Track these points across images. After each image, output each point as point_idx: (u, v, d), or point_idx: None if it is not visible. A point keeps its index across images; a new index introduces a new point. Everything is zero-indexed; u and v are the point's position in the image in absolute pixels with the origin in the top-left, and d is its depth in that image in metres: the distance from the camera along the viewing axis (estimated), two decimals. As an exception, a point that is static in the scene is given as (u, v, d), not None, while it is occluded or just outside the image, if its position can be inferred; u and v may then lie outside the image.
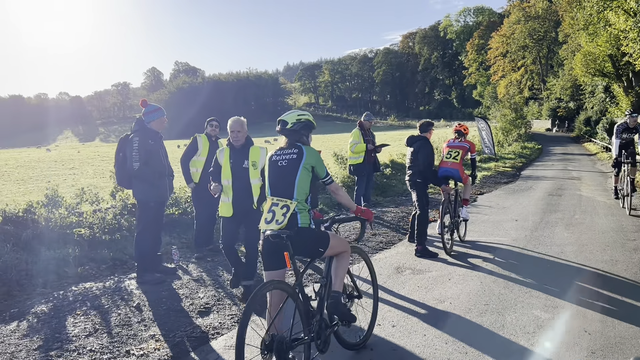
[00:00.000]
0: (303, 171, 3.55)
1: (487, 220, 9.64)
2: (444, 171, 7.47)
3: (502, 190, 14.44)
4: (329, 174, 3.73)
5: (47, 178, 22.66)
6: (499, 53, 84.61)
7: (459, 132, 7.88)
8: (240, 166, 5.30)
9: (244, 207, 5.27)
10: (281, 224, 3.41)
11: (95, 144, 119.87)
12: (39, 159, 43.77)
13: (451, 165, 7.45)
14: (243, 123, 5.44)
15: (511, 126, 38.67)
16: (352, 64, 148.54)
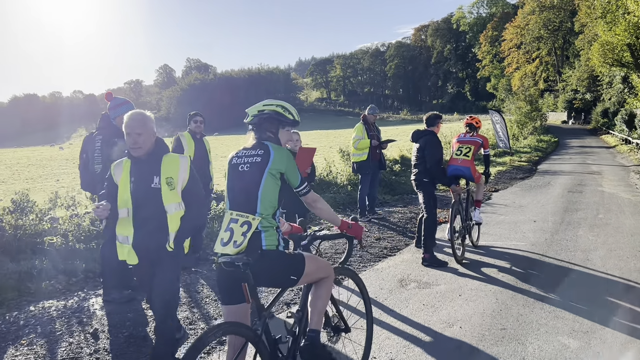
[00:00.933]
0: (269, 178, 2.80)
1: (503, 222, 8.87)
2: (454, 169, 6.71)
3: (518, 187, 13.62)
4: (305, 181, 2.98)
5: (57, 176, 22.64)
6: (513, 44, 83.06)
7: (471, 125, 7.12)
8: (146, 186, 3.42)
9: (153, 249, 3.41)
10: (240, 246, 2.68)
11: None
12: (50, 157, 43.80)
13: (462, 162, 6.69)
14: (145, 120, 3.45)
15: (526, 119, 37.62)
16: (364, 58, 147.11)
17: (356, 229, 3.19)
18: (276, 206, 2.84)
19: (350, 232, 3.17)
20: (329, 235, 3.24)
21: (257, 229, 2.72)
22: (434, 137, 6.47)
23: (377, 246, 7.26)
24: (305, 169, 5.95)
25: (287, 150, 2.94)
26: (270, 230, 2.78)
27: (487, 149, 7.05)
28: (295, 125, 3.06)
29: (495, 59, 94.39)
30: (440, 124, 6.67)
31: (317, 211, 3.07)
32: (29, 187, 17.68)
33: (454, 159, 6.78)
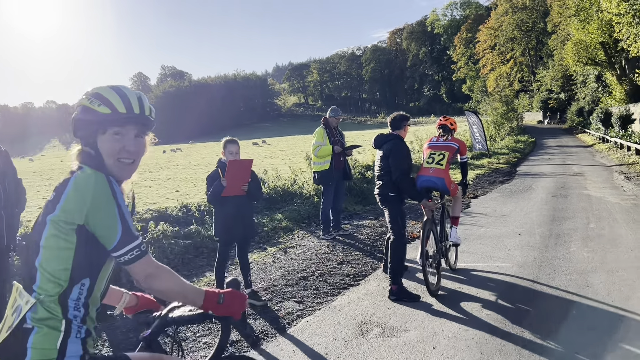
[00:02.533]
0: (51, 232, 1.64)
1: (485, 235, 7.82)
2: (425, 180, 5.62)
3: (498, 192, 12.65)
4: (136, 240, 1.70)
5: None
6: (487, 46, 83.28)
7: (444, 127, 6.04)
8: None
9: None
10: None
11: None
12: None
13: (434, 172, 5.60)
14: None
15: (503, 119, 37.04)
16: (340, 62, 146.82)
17: (232, 303, 1.88)
18: (67, 280, 1.64)
19: (222, 310, 1.87)
20: (187, 318, 1.99)
21: (28, 322, 1.57)
22: (400, 143, 5.39)
23: (338, 273, 6.12)
24: (239, 185, 4.82)
25: (99, 180, 1.68)
26: (46, 328, 1.58)
27: (465, 155, 5.98)
28: (132, 121, 1.79)
29: (470, 61, 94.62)
30: (407, 126, 5.60)
31: (155, 292, 1.82)
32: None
33: (425, 168, 5.69)
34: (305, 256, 6.96)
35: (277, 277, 5.99)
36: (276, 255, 7.15)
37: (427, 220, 5.36)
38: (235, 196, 4.84)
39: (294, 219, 9.52)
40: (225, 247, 5.06)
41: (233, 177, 4.76)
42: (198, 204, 9.57)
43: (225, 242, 5.03)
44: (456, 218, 5.97)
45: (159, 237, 7.52)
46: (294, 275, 6.05)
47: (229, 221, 4.90)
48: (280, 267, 6.43)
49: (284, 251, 7.39)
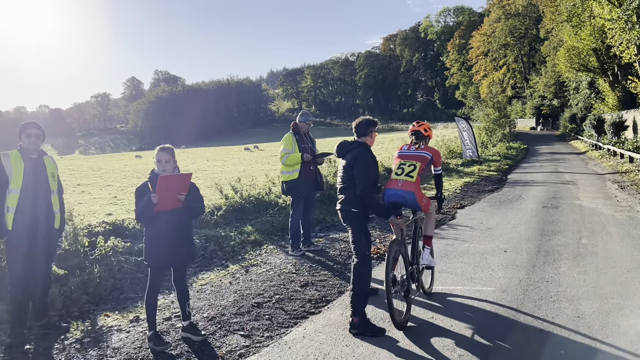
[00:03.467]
0: None
1: (467, 252, 7.15)
2: (393, 195, 4.91)
3: (486, 202, 12.00)
4: None
5: None
6: (480, 52, 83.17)
7: (417, 133, 5.33)
8: None
9: None
10: None
11: (74, 156, 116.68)
12: None
13: (403, 185, 4.88)
14: None
15: (495, 126, 36.53)
16: (334, 68, 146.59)
17: None
18: None
19: None
20: None
21: None
22: (365, 152, 4.72)
23: (299, 298, 5.43)
24: (171, 202, 4.13)
25: None
26: None
27: (439, 167, 5.26)
28: None
29: (464, 67, 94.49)
30: (375, 133, 4.92)
31: None
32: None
33: (393, 180, 4.97)
34: (266, 277, 6.26)
35: (228, 303, 5.29)
36: (235, 275, 6.45)
37: (395, 241, 4.68)
38: (169, 212, 4.16)
39: (265, 231, 8.83)
40: (156, 272, 4.34)
41: (165, 194, 4.08)
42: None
43: (156, 266, 4.31)
44: (429, 238, 5.25)
45: (108, 254, 6.82)
46: (248, 300, 5.35)
47: (160, 242, 4.21)
48: (235, 291, 5.73)
49: (245, 270, 6.69)
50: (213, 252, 7.72)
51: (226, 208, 9.71)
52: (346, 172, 4.72)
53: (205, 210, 9.44)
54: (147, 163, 47.86)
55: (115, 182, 25.00)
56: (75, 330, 4.88)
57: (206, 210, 9.52)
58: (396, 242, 4.66)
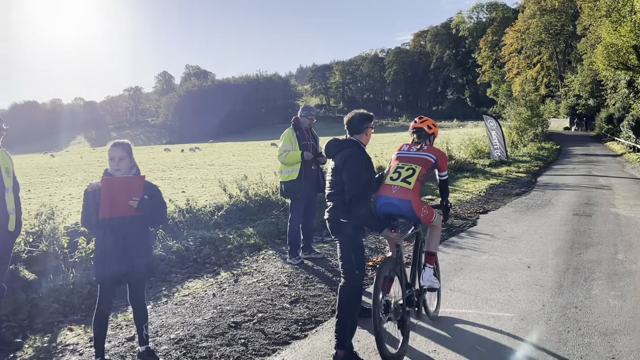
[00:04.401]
0: None
1: (485, 266, 6.35)
2: (385, 204, 4.12)
3: (512, 207, 11.11)
4: None
5: (30, 187, 21.07)
6: (513, 49, 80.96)
7: (419, 131, 4.50)
8: None
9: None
10: None
11: (105, 148, 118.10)
12: (37, 165, 41.86)
13: (397, 192, 4.07)
14: None
15: (526, 125, 35.19)
16: (363, 64, 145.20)
17: None
18: None
19: None
20: None
21: None
22: (358, 152, 4.00)
23: (285, 317, 4.74)
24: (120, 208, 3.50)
25: None
26: None
27: (445, 172, 4.43)
28: None
29: (496, 65, 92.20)
30: (370, 129, 4.18)
31: None
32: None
33: (387, 186, 4.16)
34: (255, 289, 5.60)
35: (203, 321, 4.64)
36: (223, 285, 5.81)
37: (389, 259, 3.94)
38: (120, 219, 3.53)
39: (267, 234, 8.19)
40: (105, 288, 3.70)
41: (113, 198, 3.45)
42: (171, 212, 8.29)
43: (104, 281, 3.68)
44: (431, 255, 4.41)
45: (89, 257, 6.26)
46: (226, 319, 4.69)
47: (109, 254, 3.58)
48: (216, 305, 5.08)
49: (235, 279, 6.04)
50: (207, 256, 7.12)
51: (227, 208, 9.09)
52: (335, 175, 4.01)
53: (206, 210, 8.86)
54: (174, 157, 48.01)
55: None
56: (28, 347, 4.31)
57: (207, 209, 8.94)
58: (390, 261, 3.93)
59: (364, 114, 4.19)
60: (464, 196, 12.63)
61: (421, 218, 4.10)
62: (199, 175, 23.85)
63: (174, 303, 5.26)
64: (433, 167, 4.25)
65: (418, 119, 4.66)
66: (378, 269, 3.77)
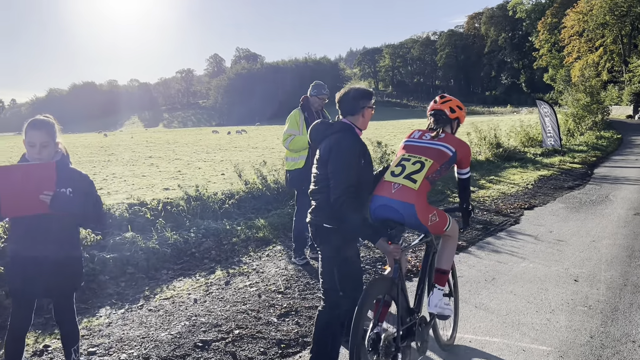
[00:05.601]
0: None
1: (522, 276, 5.34)
2: (381, 206, 3.16)
3: (562, 202, 9.88)
4: None
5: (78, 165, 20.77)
6: (574, 32, 76.63)
7: (438, 114, 3.47)
8: None
9: None
10: None
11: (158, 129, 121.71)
12: (89, 144, 42.86)
13: (398, 192, 3.11)
14: None
15: (585, 112, 32.86)
16: (414, 47, 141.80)
17: None
18: None
19: None
20: None
21: None
22: (348, 138, 3.10)
23: (267, 337, 3.93)
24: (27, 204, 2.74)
25: None
26: None
27: (466, 169, 3.45)
28: None
29: (554, 48, 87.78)
30: (369, 110, 3.27)
31: None
32: None
33: (385, 184, 3.20)
34: (245, 295, 4.83)
35: (168, 337, 3.90)
36: (211, 288, 5.07)
37: (379, 280, 3.05)
38: (33, 218, 2.80)
39: (280, 227, 7.43)
40: (20, 303, 2.95)
41: (15, 193, 2.70)
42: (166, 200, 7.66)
43: (17, 295, 2.95)
44: (442, 273, 3.43)
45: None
46: (196, 335, 3.93)
47: (21, 261, 2.85)
48: (190, 316, 4.34)
49: (227, 281, 5.29)
50: (207, 250, 6.42)
51: (241, 196, 8.37)
52: (320, 168, 3.14)
53: (217, 197, 8.15)
54: (220, 138, 48.09)
55: (184, 155, 25.07)
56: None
57: (218, 196, 8.24)
58: (382, 281, 3.03)
59: (362, 90, 3.27)
60: (508, 188, 11.45)
61: (429, 227, 3.15)
62: (240, 159, 23.48)
63: (149, 309, 4.56)
64: (450, 161, 3.27)
65: (439, 97, 3.62)
66: (364, 291, 2.87)
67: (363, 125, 3.26)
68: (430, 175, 3.17)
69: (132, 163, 21.95)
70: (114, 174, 17.31)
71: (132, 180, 14.83)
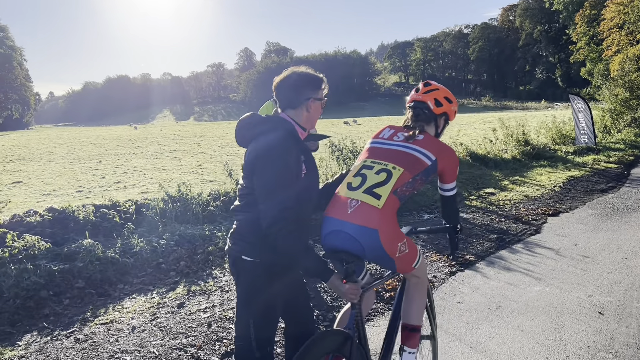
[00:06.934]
0: None
1: (534, 305, 4.41)
2: (333, 232, 2.32)
3: (592, 208, 8.81)
4: None
5: (103, 157, 21.42)
6: (614, 24, 73.07)
7: (419, 107, 2.68)
8: None
9: None
10: None
11: (188, 122, 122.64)
12: (118, 137, 43.05)
13: (355, 213, 2.28)
14: None
15: (623, 108, 31.09)
16: (446, 40, 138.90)
17: None
18: None
19: None
20: None
21: None
22: (283, 140, 2.28)
23: None
24: None
25: None
26: None
27: (451, 184, 2.64)
28: None
29: (592, 41, 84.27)
30: (316, 102, 2.44)
31: None
32: None
33: (339, 200, 2.39)
34: (193, 323, 4.05)
35: None
36: (160, 312, 4.33)
37: (328, 333, 2.22)
38: None
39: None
40: None
41: None
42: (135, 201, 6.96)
43: None
44: (412, 330, 2.52)
45: (17, 257, 4.99)
46: None
47: None
48: (115, 352, 3.59)
49: (181, 302, 4.53)
50: (175, 261, 5.68)
51: (228, 198, 7.61)
52: (245, 179, 2.34)
53: (201, 199, 7.42)
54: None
55: (208, 149, 24.74)
56: None
57: (203, 197, 7.51)
58: (332, 335, 2.21)
59: (307, 75, 2.45)
60: (533, 191, 10.40)
61: (395, 260, 2.33)
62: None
63: (76, 338, 3.84)
64: (427, 172, 2.47)
65: (422, 85, 2.82)
66: (302, 351, 2.03)
67: (308, 122, 2.44)
68: (399, 189, 2.37)
69: (156, 156, 21.69)
70: (136, 167, 16.89)
71: (151, 174, 14.35)
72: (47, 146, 29.13)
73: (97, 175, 14.39)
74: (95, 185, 12.18)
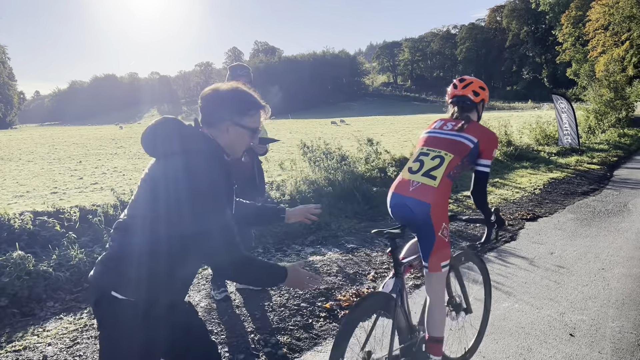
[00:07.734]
0: None
1: (499, 326, 4.00)
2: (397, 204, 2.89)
3: (572, 212, 8.47)
4: None
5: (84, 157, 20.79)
6: (599, 25, 73.92)
7: (462, 100, 3.09)
8: None
9: None
10: None
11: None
12: (102, 136, 42.23)
13: (415, 191, 2.83)
14: None
15: (607, 108, 31.03)
16: (434, 40, 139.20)
17: None
18: None
19: None
20: None
21: None
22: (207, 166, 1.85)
23: None
24: None
25: None
26: None
27: (487, 161, 2.95)
28: None
29: (578, 42, 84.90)
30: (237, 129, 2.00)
31: None
32: None
33: (404, 182, 2.91)
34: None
35: None
36: (80, 338, 3.85)
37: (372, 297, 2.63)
38: None
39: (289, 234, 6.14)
40: None
41: None
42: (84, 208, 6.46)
43: None
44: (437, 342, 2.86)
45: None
46: None
47: None
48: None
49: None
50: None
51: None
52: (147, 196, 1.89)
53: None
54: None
55: None
56: None
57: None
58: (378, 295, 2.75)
59: (238, 94, 2.00)
60: (512, 194, 10.05)
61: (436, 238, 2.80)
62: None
63: (-21, 367, 3.37)
64: (471, 154, 2.91)
65: (458, 81, 3.21)
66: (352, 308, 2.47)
67: (229, 147, 2.00)
68: (452, 172, 2.87)
69: (139, 156, 21.11)
70: (116, 167, 16.34)
71: (131, 175, 13.80)
72: (28, 146, 28.41)
73: (75, 176, 13.82)
74: (72, 187, 11.60)
